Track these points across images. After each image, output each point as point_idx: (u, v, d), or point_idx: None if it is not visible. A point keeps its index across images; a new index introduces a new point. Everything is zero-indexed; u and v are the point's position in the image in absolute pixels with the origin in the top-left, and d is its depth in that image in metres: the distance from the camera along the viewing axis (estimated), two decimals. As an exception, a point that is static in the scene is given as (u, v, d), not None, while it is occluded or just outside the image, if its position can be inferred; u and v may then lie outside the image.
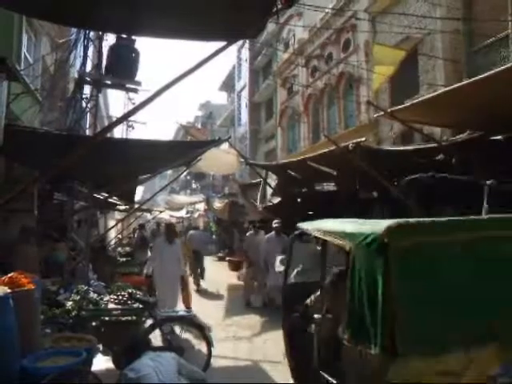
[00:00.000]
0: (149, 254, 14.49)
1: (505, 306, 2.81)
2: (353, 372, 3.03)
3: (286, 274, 5.07)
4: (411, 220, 3.09)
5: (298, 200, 11.26)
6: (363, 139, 6.65)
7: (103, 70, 8.73)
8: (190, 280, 10.36)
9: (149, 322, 5.38)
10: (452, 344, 2.67)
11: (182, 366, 3.39)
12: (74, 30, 9.85)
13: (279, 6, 3.09)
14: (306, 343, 3.87)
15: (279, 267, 7.15)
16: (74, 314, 5.05)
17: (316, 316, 3.81)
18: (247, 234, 11.18)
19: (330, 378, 3.35)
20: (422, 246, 2.78)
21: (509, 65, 4.10)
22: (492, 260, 2.86)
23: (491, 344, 2.76)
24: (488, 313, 2.78)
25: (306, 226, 4.24)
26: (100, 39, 9.62)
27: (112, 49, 7.90)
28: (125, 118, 7.67)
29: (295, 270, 5.36)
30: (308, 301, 4.18)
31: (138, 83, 8.52)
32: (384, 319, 2.64)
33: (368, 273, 2.84)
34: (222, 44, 3.34)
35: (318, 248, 5.65)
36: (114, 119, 18.94)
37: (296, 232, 4.54)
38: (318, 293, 4.10)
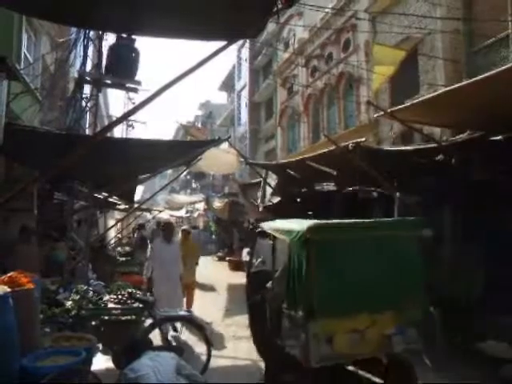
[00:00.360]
0: (148, 253, 14.50)
1: (395, 284, 3.92)
2: (288, 332, 4.00)
3: (250, 264, 6.09)
4: (324, 222, 4.17)
5: (298, 200, 11.27)
6: (363, 139, 6.65)
7: (103, 69, 8.73)
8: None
9: (148, 321, 5.38)
10: (358, 308, 3.76)
11: (182, 367, 3.39)
12: (73, 29, 9.85)
13: (279, 6, 3.09)
14: (263, 318, 4.70)
15: (245, 257, 7.86)
16: (73, 313, 5.06)
17: (268, 294, 4.68)
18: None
19: (278, 341, 4.18)
20: (331, 240, 3.90)
21: (509, 65, 4.10)
22: (377, 250, 3.99)
23: (388, 310, 3.86)
24: (384, 287, 3.86)
25: (264, 225, 5.19)
26: (100, 39, 9.62)
27: (112, 48, 7.89)
28: (125, 117, 7.68)
29: (258, 260, 6.27)
30: (268, 284, 4.84)
31: (138, 83, 8.51)
32: (306, 291, 3.71)
33: (297, 259, 3.90)
34: (222, 44, 3.34)
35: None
36: (114, 119, 18.91)
37: (258, 229, 5.66)
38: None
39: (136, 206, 12.86)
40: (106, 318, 5.20)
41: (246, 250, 7.81)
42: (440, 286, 5.46)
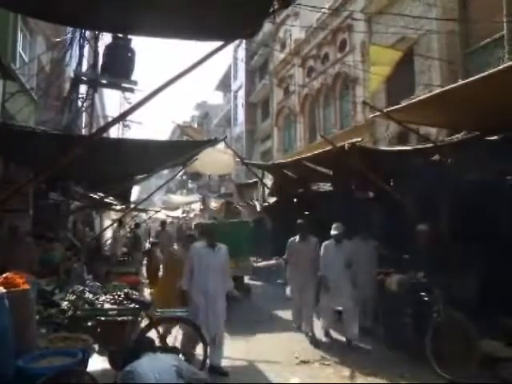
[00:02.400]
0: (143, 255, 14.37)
1: (237, 249, 8.25)
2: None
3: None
4: (206, 221, 14.11)
5: (295, 200, 11.27)
6: (359, 139, 6.66)
7: (99, 69, 8.71)
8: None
9: (145, 322, 5.36)
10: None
11: (182, 368, 3.34)
12: (69, 28, 9.81)
13: (276, 7, 3.09)
14: None
15: None
16: (69, 314, 5.03)
17: None
18: (290, 241, 7.55)
19: None
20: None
21: (503, 66, 4.12)
22: (229, 234, 8.34)
23: (232, 260, 6.88)
24: (232, 250, 6.23)
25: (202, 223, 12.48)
26: (96, 38, 9.60)
27: (108, 48, 7.88)
28: (121, 117, 7.65)
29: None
30: None
31: (134, 83, 8.51)
32: None
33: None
34: (218, 44, 3.34)
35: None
36: (110, 119, 18.86)
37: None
38: None
39: (132, 206, 12.83)
40: (103, 318, 5.18)
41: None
42: (439, 285, 5.48)
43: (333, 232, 6.87)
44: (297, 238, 7.39)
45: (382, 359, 5.82)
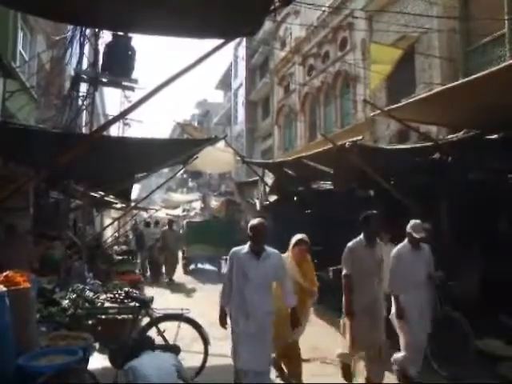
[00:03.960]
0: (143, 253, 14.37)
1: (217, 238, 15.11)
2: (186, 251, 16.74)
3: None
4: (192, 220, 19.38)
5: (295, 198, 11.27)
6: (360, 138, 6.65)
7: (99, 67, 8.71)
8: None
9: (145, 320, 5.36)
10: (203, 242, 15.65)
11: (181, 368, 3.36)
12: (69, 27, 9.80)
13: (277, 4, 3.08)
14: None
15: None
16: (70, 312, 5.05)
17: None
18: (350, 245, 4.91)
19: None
20: (191, 225, 17.26)
21: (504, 64, 4.12)
22: (211, 227, 16.35)
23: (215, 245, 15.11)
24: (213, 238, 15.29)
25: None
26: (96, 36, 9.59)
27: (108, 46, 7.88)
28: (122, 115, 7.65)
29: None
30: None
31: (135, 81, 8.51)
32: (185, 238, 16.42)
33: (185, 230, 17.57)
34: (219, 42, 3.34)
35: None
36: (111, 117, 18.85)
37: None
38: None
39: (133, 204, 12.84)
40: (103, 316, 5.20)
41: None
42: (439, 285, 5.47)
43: (415, 235, 4.82)
44: (361, 240, 4.87)
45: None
